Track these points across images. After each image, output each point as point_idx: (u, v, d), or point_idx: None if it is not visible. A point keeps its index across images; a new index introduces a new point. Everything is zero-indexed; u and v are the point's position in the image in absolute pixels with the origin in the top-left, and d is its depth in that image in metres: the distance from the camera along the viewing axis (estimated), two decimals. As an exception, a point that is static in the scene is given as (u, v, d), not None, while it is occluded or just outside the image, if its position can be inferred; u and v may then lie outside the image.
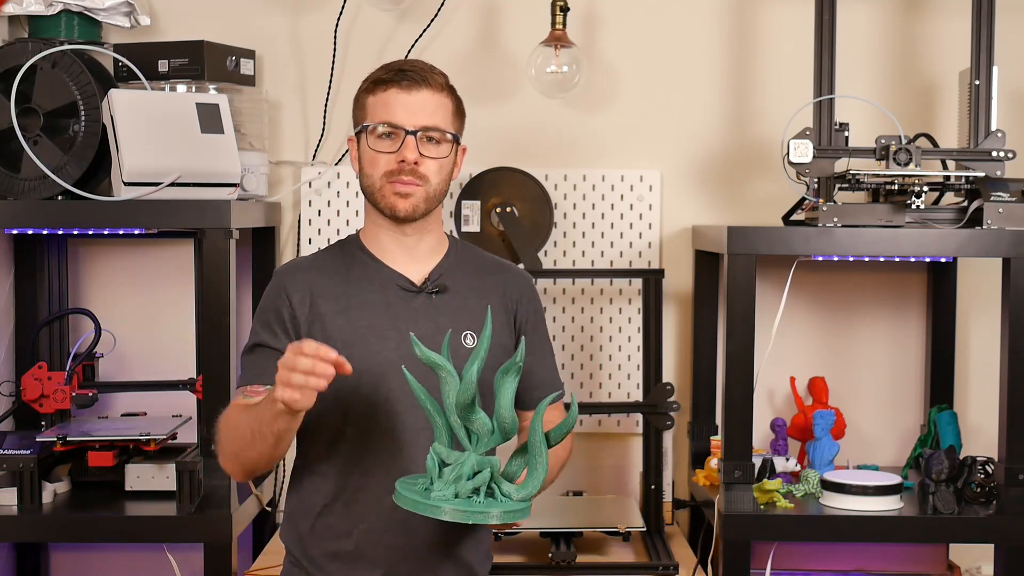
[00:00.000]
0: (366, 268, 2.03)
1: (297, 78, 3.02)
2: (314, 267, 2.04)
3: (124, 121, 2.46)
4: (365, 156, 2.01)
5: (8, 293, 2.89)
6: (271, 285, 2.04)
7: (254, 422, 1.84)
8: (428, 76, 2.00)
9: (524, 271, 2.22)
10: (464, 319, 2.03)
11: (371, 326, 1.98)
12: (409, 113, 1.97)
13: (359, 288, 2.01)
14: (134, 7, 2.78)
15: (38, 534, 2.64)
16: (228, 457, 1.95)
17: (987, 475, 2.58)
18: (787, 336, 2.91)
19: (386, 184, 1.98)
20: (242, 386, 1.98)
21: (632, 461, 3.03)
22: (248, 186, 2.76)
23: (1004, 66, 2.70)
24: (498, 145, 2.99)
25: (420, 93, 1.99)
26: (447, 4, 2.98)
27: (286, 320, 1.98)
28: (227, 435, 1.93)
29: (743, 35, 3.03)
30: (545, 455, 1.72)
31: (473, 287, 2.07)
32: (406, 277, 2.03)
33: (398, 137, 1.97)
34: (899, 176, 2.55)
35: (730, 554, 2.50)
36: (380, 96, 1.99)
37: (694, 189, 3.04)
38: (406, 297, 2.01)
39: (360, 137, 2.02)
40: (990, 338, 2.86)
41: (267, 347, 1.97)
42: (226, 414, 1.95)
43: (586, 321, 3.03)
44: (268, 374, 1.91)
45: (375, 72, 2.03)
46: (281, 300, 1.99)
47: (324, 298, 1.99)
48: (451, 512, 1.68)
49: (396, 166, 1.97)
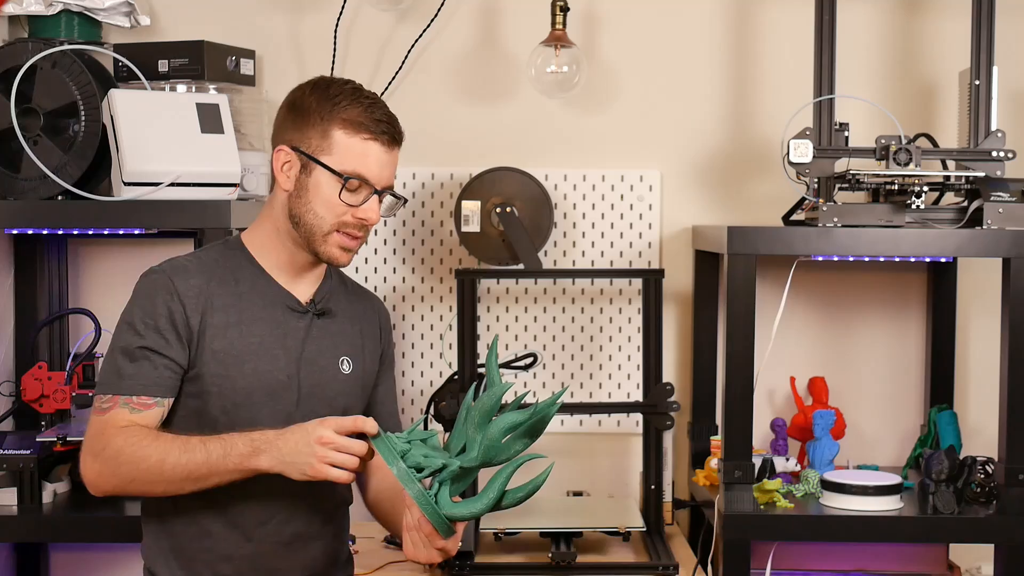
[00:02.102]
0: (255, 282, 1.96)
1: (297, 78, 2.95)
2: (203, 272, 1.93)
3: (124, 121, 2.46)
4: (320, 196, 1.90)
5: (8, 293, 2.89)
6: (153, 285, 1.90)
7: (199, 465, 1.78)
8: (398, 133, 1.94)
9: (382, 302, 2.21)
10: (343, 343, 2.02)
11: (261, 344, 1.93)
12: (382, 171, 1.92)
13: (249, 302, 1.94)
14: (134, 7, 2.78)
15: (38, 534, 2.64)
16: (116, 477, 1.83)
17: (987, 475, 2.58)
18: (787, 336, 2.91)
19: (334, 233, 1.92)
20: (122, 394, 1.85)
21: (632, 461, 3.03)
22: (248, 186, 2.76)
23: (1004, 66, 2.70)
24: (498, 145, 2.99)
25: (393, 152, 1.93)
26: (447, 4, 2.98)
27: (179, 326, 1.87)
28: (133, 461, 1.80)
29: (743, 35, 3.03)
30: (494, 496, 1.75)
31: (347, 312, 2.06)
32: (294, 297, 1.98)
33: (362, 192, 1.90)
34: (899, 176, 2.55)
35: (730, 554, 2.50)
36: (359, 143, 1.90)
37: (694, 189, 3.04)
38: (293, 317, 1.97)
39: (313, 167, 1.91)
40: (990, 338, 2.86)
41: (156, 352, 1.86)
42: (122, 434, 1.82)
43: (586, 321, 3.03)
44: (159, 387, 1.87)
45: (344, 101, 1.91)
46: (174, 304, 1.88)
47: (217, 309, 1.91)
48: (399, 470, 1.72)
49: (353, 220, 1.91)
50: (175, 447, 1.80)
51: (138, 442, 1.81)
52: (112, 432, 1.83)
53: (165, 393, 1.88)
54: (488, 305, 3.03)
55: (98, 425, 1.86)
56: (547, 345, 3.04)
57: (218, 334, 1.90)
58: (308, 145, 1.92)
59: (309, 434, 1.75)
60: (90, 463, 1.86)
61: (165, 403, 1.89)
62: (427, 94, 3.02)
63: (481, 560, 2.58)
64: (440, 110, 3.03)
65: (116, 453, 1.82)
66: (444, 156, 3.02)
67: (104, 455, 1.83)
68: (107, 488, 1.86)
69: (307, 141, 1.92)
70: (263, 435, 1.79)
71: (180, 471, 1.79)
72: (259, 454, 1.77)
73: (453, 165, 3.00)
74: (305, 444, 1.75)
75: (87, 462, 1.86)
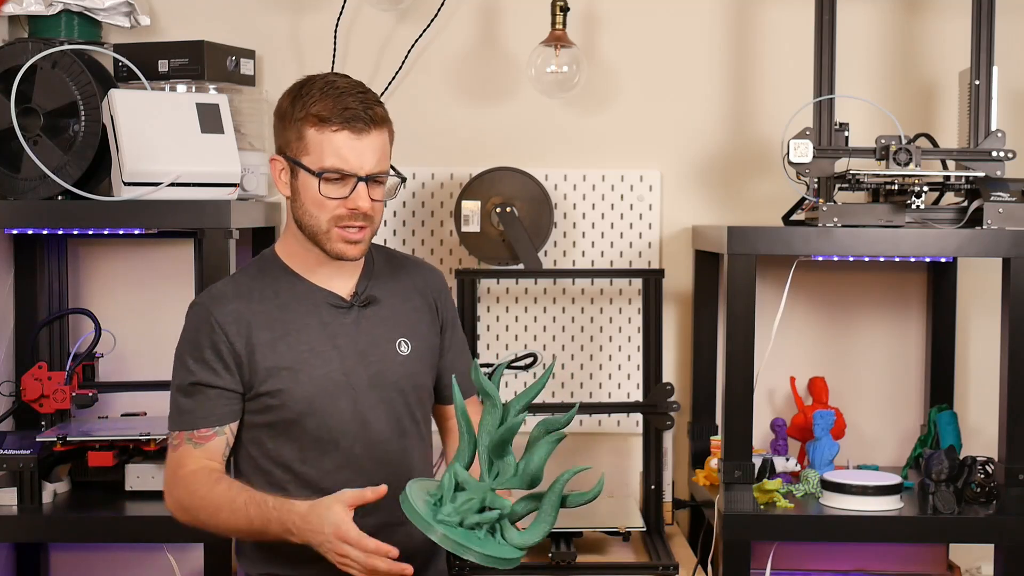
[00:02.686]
0: (294, 289, 1.99)
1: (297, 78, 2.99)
2: (240, 295, 1.96)
3: (124, 121, 2.46)
4: (309, 196, 1.92)
5: (8, 293, 2.89)
6: (196, 318, 1.95)
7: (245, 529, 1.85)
8: (373, 115, 1.91)
9: (435, 268, 2.20)
10: (396, 327, 2.03)
11: (312, 349, 1.95)
12: (360, 159, 1.90)
13: (292, 311, 1.96)
14: (134, 7, 2.78)
15: (38, 534, 2.64)
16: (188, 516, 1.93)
17: (987, 475, 2.58)
18: (787, 336, 2.91)
19: (333, 229, 1.93)
20: (184, 429, 1.93)
21: (632, 461, 3.03)
22: (248, 186, 2.76)
23: (1004, 66, 2.70)
24: (498, 145, 2.99)
25: (369, 136, 1.91)
26: (447, 4, 2.97)
27: (225, 355, 1.92)
28: (197, 508, 1.90)
29: (743, 35, 3.03)
30: (556, 513, 1.76)
31: (396, 292, 2.06)
32: (335, 294, 2.00)
33: (347, 182, 1.91)
34: (899, 176, 2.55)
35: (730, 554, 2.50)
36: (328, 137, 1.89)
37: (694, 189, 3.04)
38: (338, 314, 1.99)
39: (297, 169, 1.93)
40: (990, 338, 2.86)
41: (207, 386, 1.92)
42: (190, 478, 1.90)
43: (586, 321, 3.03)
44: (216, 416, 1.92)
45: (313, 99, 1.91)
46: (217, 335, 1.92)
47: (259, 328, 1.94)
48: (442, 538, 1.70)
49: (346, 212, 1.92)
50: (226, 504, 1.86)
51: (197, 490, 1.90)
52: (180, 475, 1.93)
53: (223, 421, 1.94)
54: (488, 305, 3.03)
55: (171, 463, 1.96)
56: (547, 345, 3.04)
57: (267, 352, 1.93)
58: (290, 149, 1.94)
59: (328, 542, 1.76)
60: (169, 498, 1.96)
61: (226, 430, 1.95)
62: (427, 94, 3.02)
63: (481, 560, 2.58)
64: (440, 110, 3.03)
65: (181, 498, 1.93)
66: (444, 156, 3.02)
67: (174, 496, 1.94)
68: (185, 522, 1.96)
69: (290, 145, 1.94)
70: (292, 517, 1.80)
71: (232, 529, 1.90)
72: (290, 535, 1.82)
73: (453, 165, 3.00)
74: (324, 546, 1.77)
75: (167, 497, 1.97)
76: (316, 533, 1.77)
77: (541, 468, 1.75)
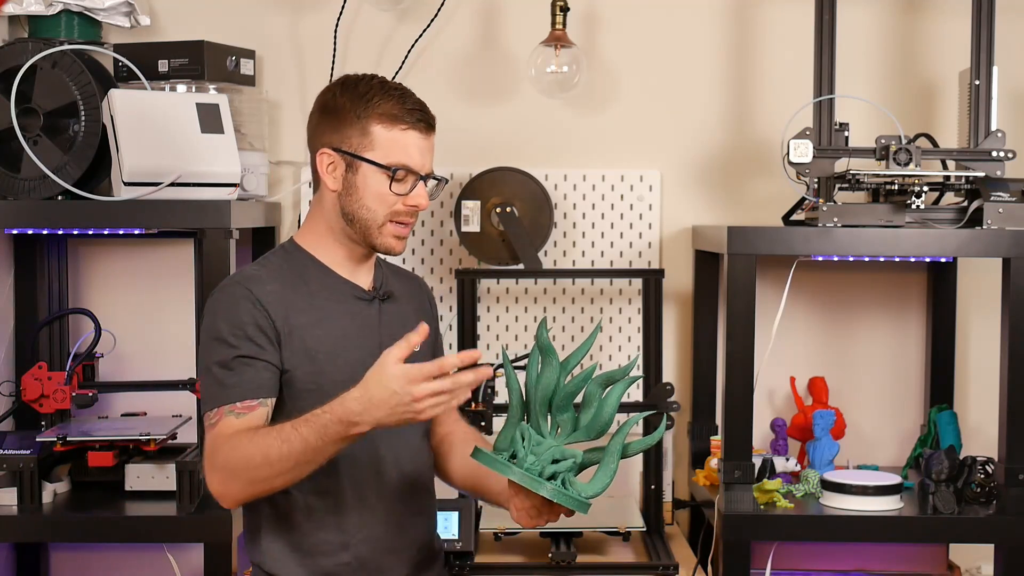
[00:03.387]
0: (323, 280, 2.01)
1: (297, 78, 3.02)
2: (275, 279, 1.97)
3: (124, 121, 2.46)
4: (370, 190, 1.95)
5: (8, 293, 2.89)
6: (233, 296, 1.93)
7: (302, 451, 1.77)
8: (432, 120, 2.01)
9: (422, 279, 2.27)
10: (409, 322, 2.01)
11: (345, 335, 1.98)
12: (423, 158, 1.98)
13: (323, 299, 1.99)
14: (134, 7, 2.78)
15: (38, 534, 2.64)
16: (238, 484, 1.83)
17: (987, 475, 2.58)
18: (787, 336, 2.91)
19: (388, 223, 1.97)
20: (226, 403, 1.87)
21: (632, 461, 3.02)
22: (248, 186, 2.76)
23: (1004, 66, 2.70)
24: (498, 145, 2.99)
25: (430, 138, 2.00)
26: (447, 4, 2.98)
27: (267, 330, 1.90)
28: (246, 464, 1.81)
29: (743, 35, 3.03)
30: (617, 463, 1.78)
31: (402, 292, 2.12)
32: (359, 286, 2.03)
33: (409, 181, 1.97)
34: (899, 176, 2.55)
35: (730, 554, 2.50)
36: (399, 136, 1.96)
37: (694, 189, 3.04)
38: (364, 306, 2.02)
39: (358, 165, 1.95)
40: (990, 338, 2.86)
41: (253, 359, 1.89)
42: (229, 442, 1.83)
43: (586, 321, 3.03)
44: (263, 387, 1.89)
45: (377, 97, 1.96)
46: (258, 311, 1.91)
47: (296, 310, 1.95)
48: (550, 491, 1.73)
49: (404, 208, 1.97)
50: (273, 441, 1.79)
51: (241, 446, 1.82)
52: (220, 443, 1.85)
53: (268, 393, 1.90)
54: (488, 305, 3.03)
55: (210, 441, 1.88)
56: (547, 345, 3.03)
57: (306, 334, 1.94)
58: (349, 144, 1.96)
59: (399, 395, 1.70)
60: (211, 477, 1.87)
61: (269, 403, 1.91)
62: (427, 94, 2.96)
63: (481, 560, 2.58)
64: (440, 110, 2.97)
65: (225, 463, 1.83)
66: (444, 156, 2.98)
67: (218, 466, 1.84)
68: (234, 496, 1.86)
69: (347, 141, 1.96)
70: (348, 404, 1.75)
71: (287, 461, 1.78)
72: (354, 426, 1.75)
73: (453, 165, 2.99)
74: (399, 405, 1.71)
75: (209, 478, 1.87)
76: (385, 400, 1.71)
77: (612, 417, 1.79)
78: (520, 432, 1.78)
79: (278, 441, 1.79)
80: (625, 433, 1.79)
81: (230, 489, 1.85)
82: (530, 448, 1.76)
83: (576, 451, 1.79)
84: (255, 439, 1.81)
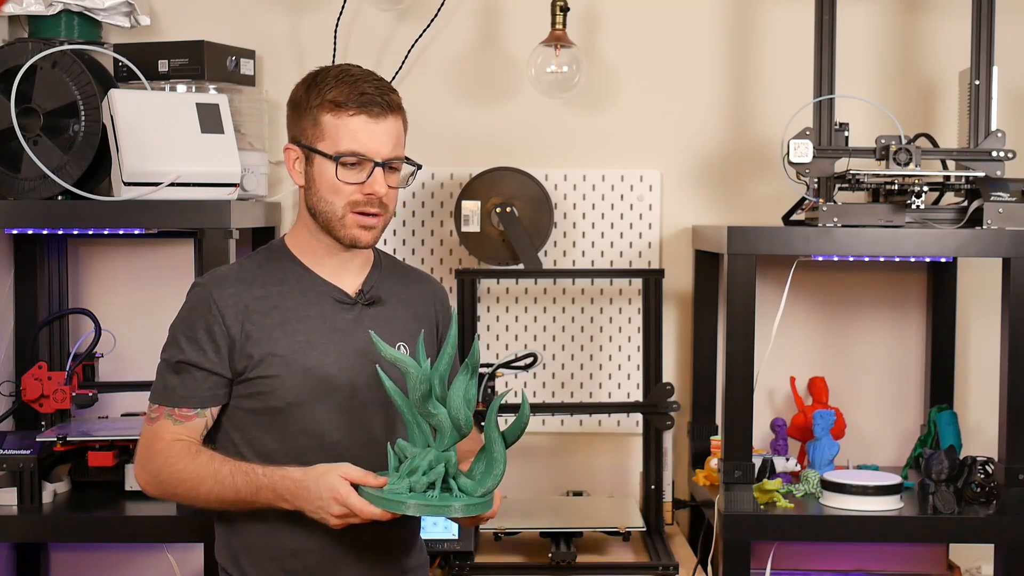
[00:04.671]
0: (300, 280, 1.98)
1: (297, 78, 2.98)
2: (243, 279, 1.96)
3: (124, 121, 2.46)
4: (325, 182, 1.92)
5: (8, 293, 2.89)
6: (196, 297, 1.95)
7: (231, 499, 1.86)
8: (389, 101, 1.93)
9: (440, 284, 2.21)
10: (397, 330, 2.01)
11: (309, 340, 1.94)
12: (376, 143, 1.91)
13: (294, 301, 1.96)
14: (134, 7, 2.78)
15: (38, 534, 2.64)
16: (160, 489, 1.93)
17: (987, 475, 2.58)
18: (787, 336, 2.91)
19: (348, 214, 1.93)
20: (166, 405, 1.92)
21: (632, 461, 3.03)
22: (248, 186, 2.76)
23: (1004, 66, 2.70)
24: (498, 145, 2.99)
25: (385, 122, 1.93)
26: (447, 4, 2.98)
27: (218, 337, 1.91)
28: (174, 481, 1.89)
29: (743, 35, 3.03)
30: (502, 451, 1.76)
31: (401, 298, 2.06)
32: (340, 289, 1.99)
33: (364, 167, 1.91)
34: (899, 176, 2.55)
35: (730, 554, 2.50)
36: (345, 121, 1.90)
37: (694, 189, 3.04)
38: (341, 309, 1.98)
39: (313, 156, 1.93)
40: (990, 338, 2.86)
41: (195, 367, 1.91)
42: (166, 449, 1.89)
43: (586, 321, 3.03)
44: (199, 398, 1.92)
45: (328, 85, 1.93)
46: (212, 316, 1.91)
47: (258, 312, 1.93)
48: (415, 507, 1.73)
49: (363, 197, 1.92)
50: (209, 475, 1.86)
51: (176, 463, 1.89)
52: (157, 448, 1.92)
53: (205, 404, 1.93)
54: (488, 305, 3.03)
55: (147, 435, 1.94)
56: (547, 345, 3.04)
57: (263, 338, 1.92)
58: (305, 136, 1.95)
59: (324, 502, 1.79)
60: (139, 473, 1.95)
61: (207, 413, 1.94)
62: (427, 94, 3.02)
63: (481, 560, 2.58)
64: (440, 110, 3.03)
65: (158, 471, 1.91)
66: (444, 156, 3.02)
67: (148, 469, 1.93)
68: (157, 497, 1.96)
69: (304, 133, 1.95)
70: (285, 482, 1.84)
71: (214, 500, 1.88)
72: (282, 502, 1.84)
73: (453, 165, 3.00)
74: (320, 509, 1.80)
75: (137, 470, 1.96)
76: (312, 498, 1.80)
77: (463, 406, 1.75)
78: (396, 451, 1.79)
79: (212, 480, 1.86)
80: (493, 419, 1.74)
81: (154, 492, 1.95)
82: (408, 464, 1.76)
83: (449, 454, 1.76)
84: (193, 463, 1.88)
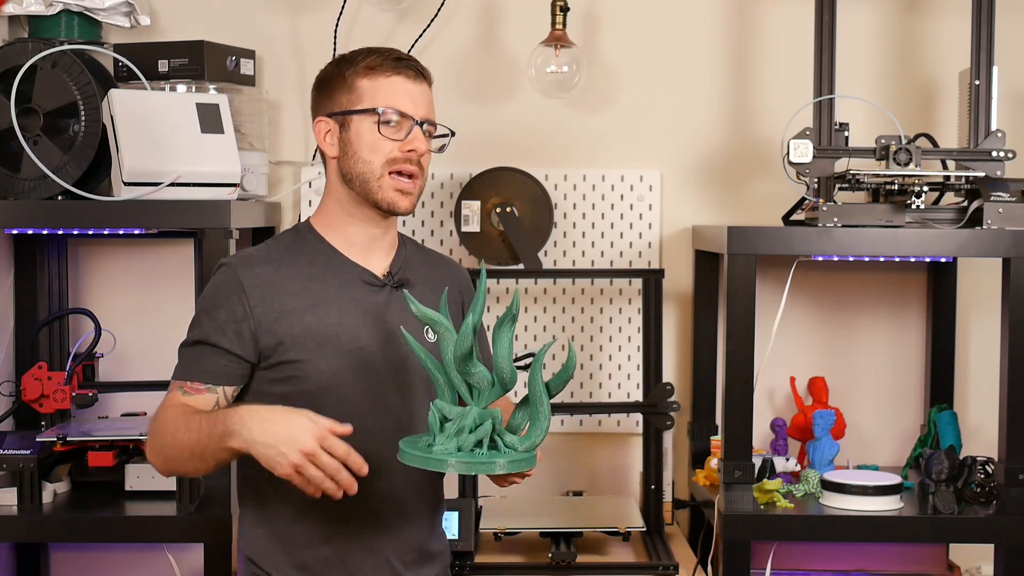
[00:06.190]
0: (329, 262, 1.97)
1: (297, 78, 3.02)
2: (271, 260, 1.94)
3: (124, 121, 2.46)
4: (364, 141, 1.92)
5: (8, 293, 2.89)
6: (223, 277, 1.92)
7: (195, 443, 1.78)
8: (422, 68, 1.98)
9: (460, 265, 2.20)
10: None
11: (341, 323, 1.92)
12: (415, 103, 1.94)
13: (324, 283, 1.94)
14: (134, 7, 2.78)
15: (38, 534, 2.64)
16: (159, 457, 1.88)
17: (987, 475, 2.58)
18: (787, 336, 2.91)
19: (386, 175, 1.92)
20: (180, 379, 1.90)
21: (632, 461, 3.03)
22: (248, 186, 2.76)
23: (1004, 66, 2.70)
24: (498, 145, 2.99)
25: (422, 85, 1.97)
26: (447, 4, 2.98)
27: (240, 319, 1.88)
28: (163, 439, 1.85)
29: (743, 35, 3.03)
30: (547, 405, 1.72)
31: (427, 280, 2.05)
32: (370, 271, 1.98)
33: (403, 126, 1.93)
34: (899, 176, 2.55)
35: (730, 554, 2.50)
36: (383, 82, 1.93)
37: (694, 189, 3.04)
38: (371, 292, 1.96)
39: (349, 120, 1.94)
40: (990, 338, 2.86)
41: (213, 345, 1.89)
42: (165, 413, 1.87)
43: (586, 321, 3.03)
44: (211, 373, 1.89)
45: (361, 56, 1.95)
46: (238, 297, 1.89)
47: (288, 294, 1.91)
48: (456, 464, 1.68)
49: (402, 155, 1.92)
50: (182, 425, 1.81)
51: (167, 421, 1.85)
52: (160, 413, 1.89)
53: (218, 381, 1.89)
54: (488, 305, 3.03)
55: (157, 410, 1.91)
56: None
57: (295, 320, 1.90)
58: (339, 104, 1.95)
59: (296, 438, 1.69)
60: (148, 448, 1.92)
61: (218, 390, 1.89)
62: (427, 94, 3.02)
63: (481, 560, 2.58)
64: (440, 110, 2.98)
65: (153, 432, 1.89)
66: (444, 156, 2.98)
67: (150, 432, 1.90)
68: (159, 467, 1.91)
69: (338, 102, 1.96)
70: (237, 412, 1.75)
71: (184, 449, 1.81)
72: (231, 436, 1.73)
73: (453, 165, 3.00)
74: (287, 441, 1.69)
75: (147, 447, 1.92)
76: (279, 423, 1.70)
77: (508, 359, 1.70)
78: (435, 411, 1.73)
79: (184, 427, 1.81)
80: (539, 371, 1.70)
81: (155, 460, 1.90)
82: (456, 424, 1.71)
83: (495, 411, 1.72)
84: (179, 418, 1.84)
